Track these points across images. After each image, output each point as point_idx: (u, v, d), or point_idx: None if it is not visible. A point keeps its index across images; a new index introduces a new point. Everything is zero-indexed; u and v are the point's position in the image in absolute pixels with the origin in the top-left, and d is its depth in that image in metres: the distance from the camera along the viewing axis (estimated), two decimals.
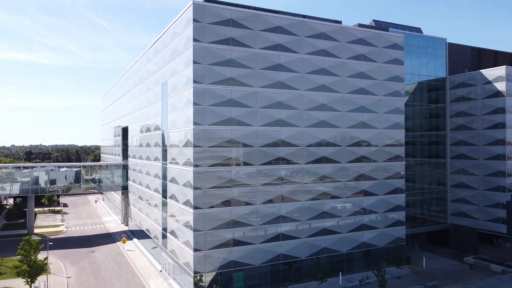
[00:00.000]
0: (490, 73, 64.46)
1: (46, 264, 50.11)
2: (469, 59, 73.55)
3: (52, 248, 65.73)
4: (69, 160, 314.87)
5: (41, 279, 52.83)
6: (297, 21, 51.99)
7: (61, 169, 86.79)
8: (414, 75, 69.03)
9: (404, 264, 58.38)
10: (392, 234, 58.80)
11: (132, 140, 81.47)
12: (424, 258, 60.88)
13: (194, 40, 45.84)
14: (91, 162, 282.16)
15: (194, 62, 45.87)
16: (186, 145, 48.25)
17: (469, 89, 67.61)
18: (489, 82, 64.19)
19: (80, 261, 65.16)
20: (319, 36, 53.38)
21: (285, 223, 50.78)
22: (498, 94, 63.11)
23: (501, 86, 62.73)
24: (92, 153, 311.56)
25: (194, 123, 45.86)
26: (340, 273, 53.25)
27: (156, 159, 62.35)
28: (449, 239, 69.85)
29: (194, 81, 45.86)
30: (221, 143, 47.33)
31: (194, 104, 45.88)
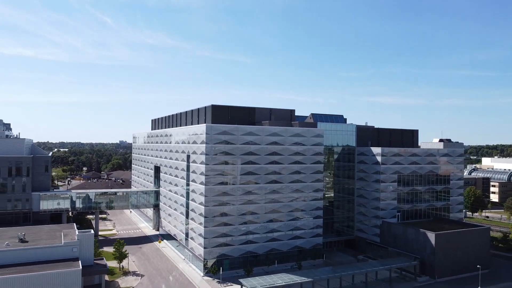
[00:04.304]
0: (374, 149, 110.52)
1: (127, 254, 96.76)
2: (371, 135, 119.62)
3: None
4: (90, 167, 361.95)
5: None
6: (260, 128, 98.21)
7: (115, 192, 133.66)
8: (334, 145, 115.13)
9: (320, 258, 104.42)
10: (314, 241, 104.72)
11: (164, 177, 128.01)
12: (324, 254, 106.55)
13: (206, 143, 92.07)
14: (110, 169, 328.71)
15: (205, 154, 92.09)
16: (201, 194, 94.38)
17: (365, 156, 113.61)
18: (374, 155, 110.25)
19: (135, 253, 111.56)
20: (273, 134, 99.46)
21: (252, 234, 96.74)
22: (378, 162, 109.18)
23: (379, 158, 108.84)
24: (110, 162, 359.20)
25: (205, 184, 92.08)
26: (276, 261, 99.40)
27: (182, 195, 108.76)
28: (355, 245, 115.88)
29: (205, 164, 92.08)
30: (219, 194, 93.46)
31: (205, 175, 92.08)
